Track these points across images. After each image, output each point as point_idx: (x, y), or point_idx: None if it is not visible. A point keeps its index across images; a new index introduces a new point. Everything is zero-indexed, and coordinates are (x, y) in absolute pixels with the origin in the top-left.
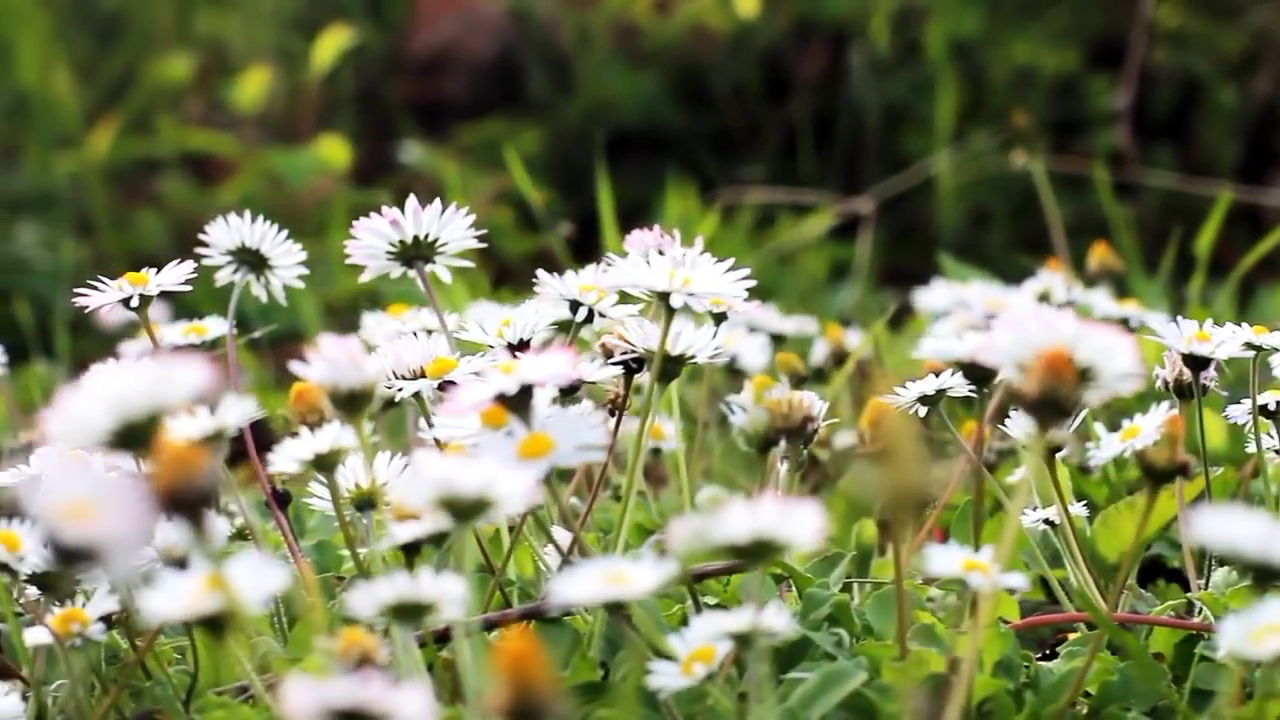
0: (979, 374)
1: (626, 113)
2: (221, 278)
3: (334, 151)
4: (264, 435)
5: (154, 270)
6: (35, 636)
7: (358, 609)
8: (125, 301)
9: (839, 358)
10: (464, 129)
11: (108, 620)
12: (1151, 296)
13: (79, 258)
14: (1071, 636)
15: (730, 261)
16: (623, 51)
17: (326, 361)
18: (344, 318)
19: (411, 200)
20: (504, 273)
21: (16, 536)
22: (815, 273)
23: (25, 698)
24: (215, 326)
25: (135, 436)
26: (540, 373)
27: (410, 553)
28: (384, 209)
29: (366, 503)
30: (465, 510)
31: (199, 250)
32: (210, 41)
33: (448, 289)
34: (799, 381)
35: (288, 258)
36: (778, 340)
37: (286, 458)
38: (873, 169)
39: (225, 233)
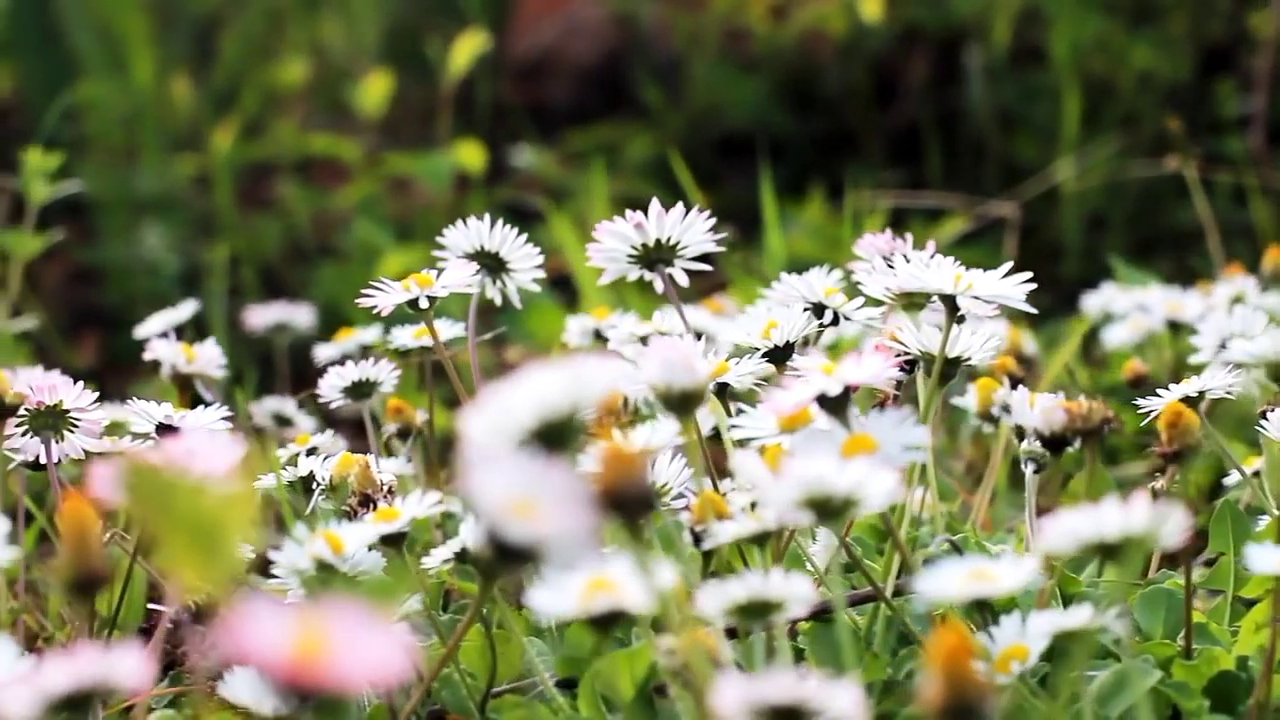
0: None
1: (735, 117)
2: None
3: (470, 155)
4: None
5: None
6: None
7: (707, 607)
8: (413, 303)
9: (1021, 361)
10: (571, 133)
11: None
12: None
13: (205, 260)
14: None
15: (1008, 265)
16: (731, 55)
17: (661, 362)
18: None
19: (654, 204)
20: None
21: (340, 538)
22: None
23: None
24: (448, 329)
25: (555, 435)
26: (862, 374)
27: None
28: (629, 213)
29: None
30: (833, 510)
31: (434, 253)
32: (312, 47)
33: (587, 295)
34: (1015, 383)
35: (526, 261)
36: None
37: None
38: (989, 174)
39: (464, 235)
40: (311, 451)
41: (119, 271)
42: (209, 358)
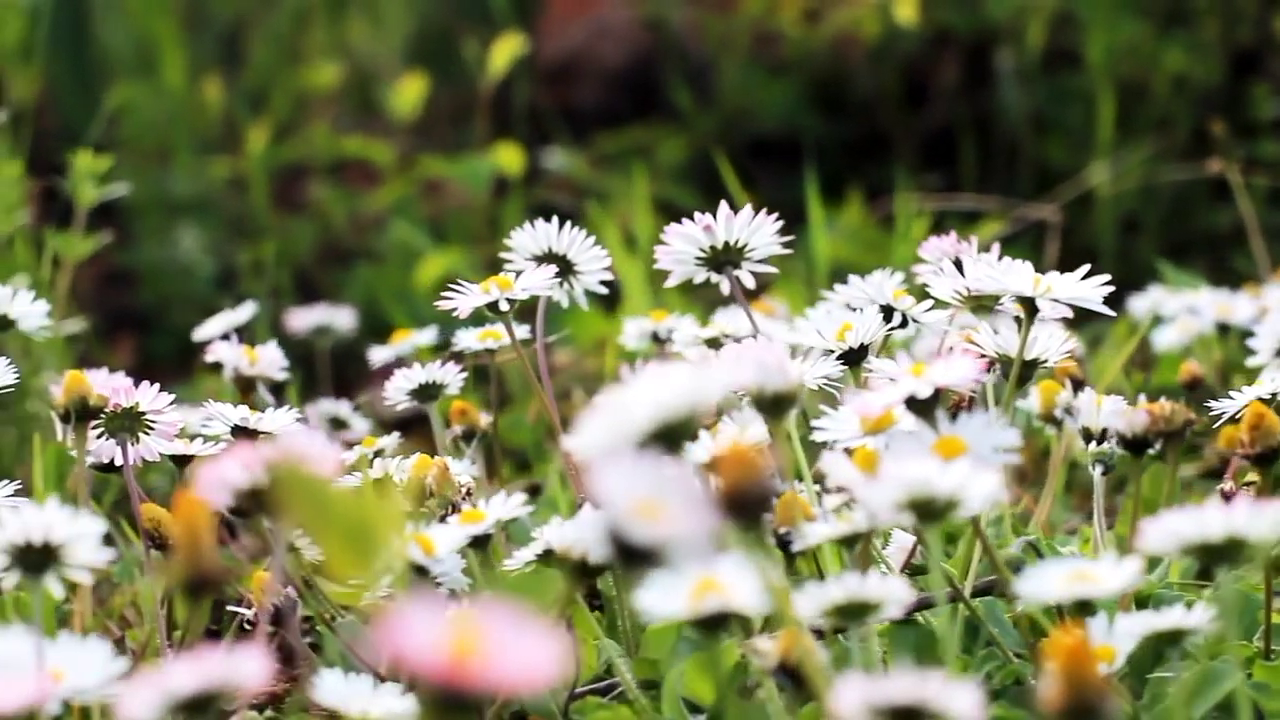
0: None
1: (765, 120)
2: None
3: (508, 158)
4: None
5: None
6: None
7: (803, 609)
8: (492, 305)
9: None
10: (602, 136)
11: None
12: None
13: (240, 262)
14: None
15: (1086, 268)
16: (761, 58)
17: (755, 365)
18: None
19: (723, 206)
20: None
21: (431, 540)
22: None
23: None
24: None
25: (672, 436)
26: (951, 376)
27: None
28: (697, 215)
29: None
30: (935, 511)
31: (501, 255)
32: (340, 49)
33: (630, 297)
34: (1077, 385)
35: (594, 263)
36: None
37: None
38: (1022, 177)
39: (531, 237)
40: (378, 454)
41: (153, 274)
42: (271, 360)
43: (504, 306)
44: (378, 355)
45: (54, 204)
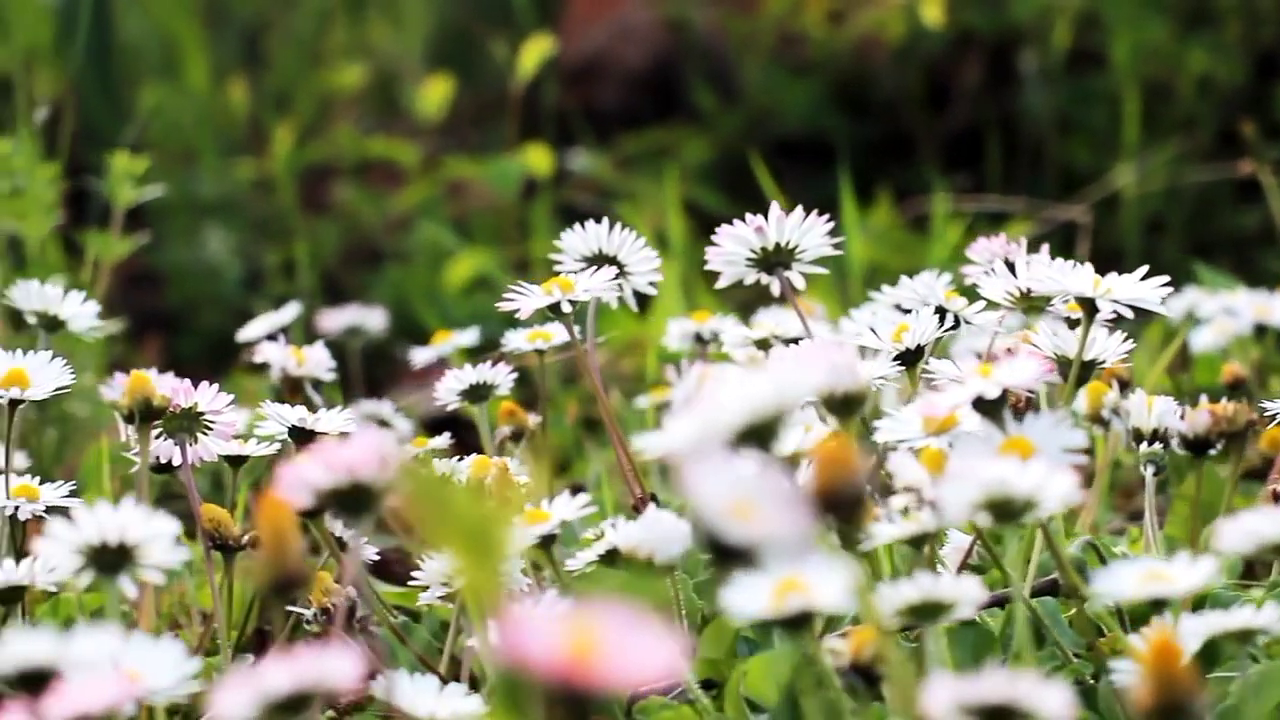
0: None
1: (788, 121)
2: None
3: (538, 159)
4: None
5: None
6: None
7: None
8: (554, 307)
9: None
10: (623, 137)
11: None
12: None
13: (267, 264)
14: None
15: (1144, 268)
16: (783, 59)
17: (826, 366)
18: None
19: (774, 207)
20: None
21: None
22: None
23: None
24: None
25: (761, 435)
26: (1018, 377)
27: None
28: (748, 217)
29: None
30: (1014, 511)
31: (551, 255)
32: (360, 50)
33: (661, 297)
34: (1124, 386)
35: (644, 264)
36: None
37: None
38: (1047, 178)
39: (581, 239)
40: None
41: (179, 275)
42: (318, 360)
43: (566, 308)
44: (419, 356)
45: (82, 205)
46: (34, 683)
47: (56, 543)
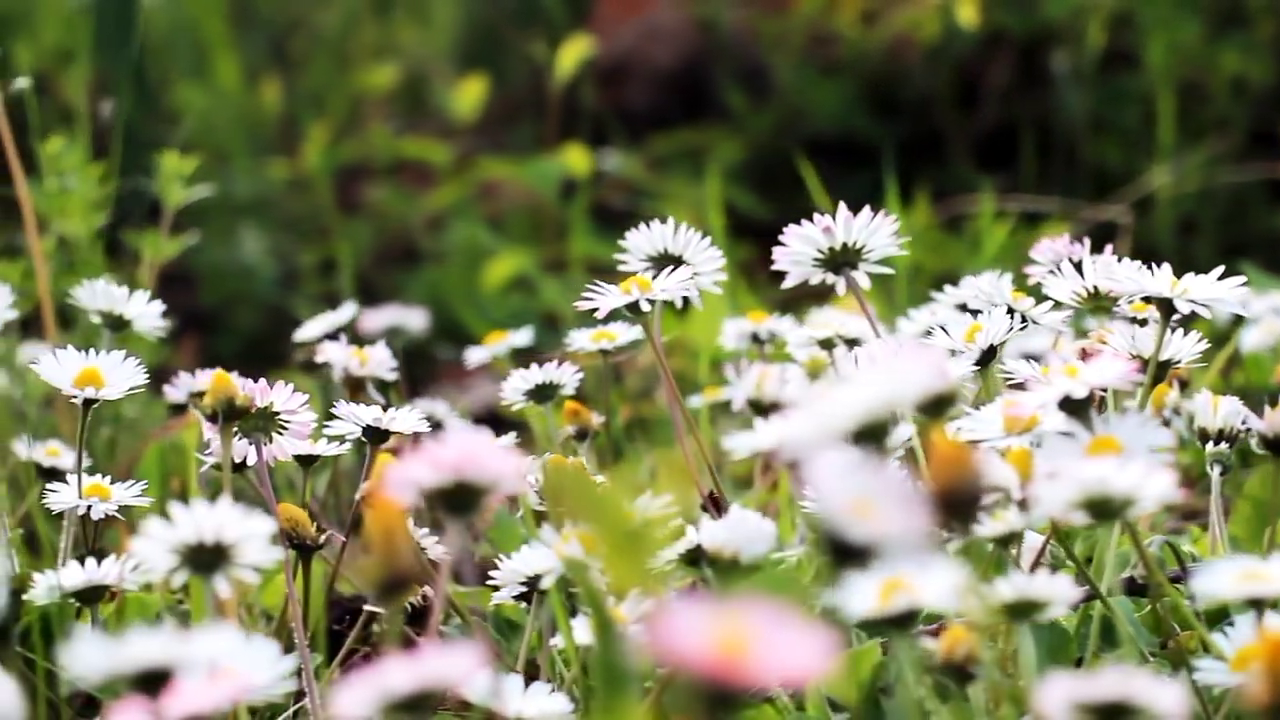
0: None
1: (819, 120)
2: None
3: (577, 159)
4: None
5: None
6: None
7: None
8: (633, 305)
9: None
10: (654, 137)
11: None
12: None
13: (301, 263)
14: None
15: (1220, 269)
16: (814, 59)
17: (929, 366)
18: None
19: (842, 207)
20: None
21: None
22: None
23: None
24: (626, 332)
25: (874, 434)
26: (1105, 376)
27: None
28: (816, 217)
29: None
30: (1112, 510)
31: (616, 255)
32: (389, 50)
33: (705, 297)
34: (1183, 386)
35: (710, 263)
36: None
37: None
38: (1080, 178)
39: (647, 238)
40: None
41: (214, 275)
42: (380, 360)
43: (645, 307)
44: (473, 356)
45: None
46: (151, 683)
47: (152, 542)
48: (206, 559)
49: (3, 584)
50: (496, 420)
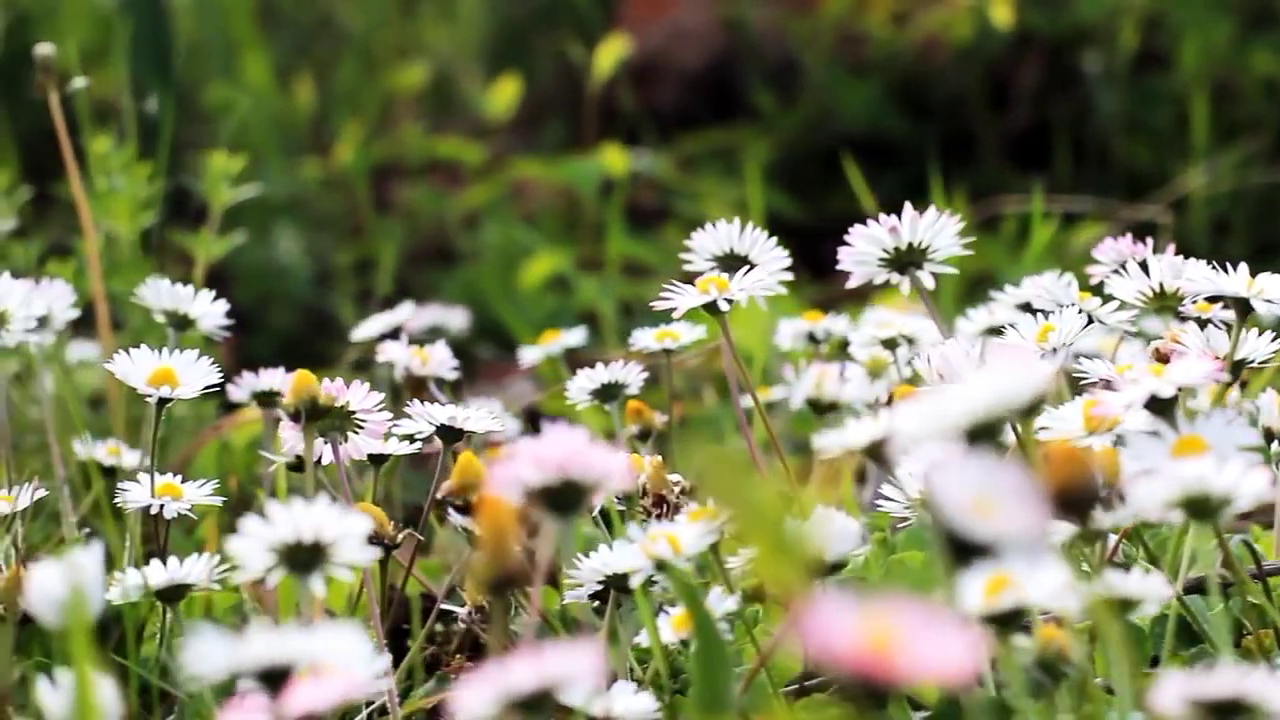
0: None
1: (849, 121)
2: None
3: (614, 160)
4: None
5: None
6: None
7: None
8: (710, 305)
9: None
10: (683, 137)
11: None
12: None
13: (336, 263)
14: None
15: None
16: (843, 59)
17: (1034, 366)
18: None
19: (907, 207)
20: None
21: (678, 538)
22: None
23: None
24: (690, 332)
25: (986, 433)
26: (1191, 376)
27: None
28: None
29: None
30: (1210, 509)
31: (681, 255)
32: (416, 50)
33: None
34: (1242, 387)
35: (775, 262)
36: None
37: None
38: (1113, 179)
39: (712, 238)
40: None
41: (249, 274)
42: (441, 360)
43: (724, 306)
44: (527, 356)
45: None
46: (274, 680)
47: (250, 540)
48: (304, 558)
49: (98, 583)
50: (537, 418)
